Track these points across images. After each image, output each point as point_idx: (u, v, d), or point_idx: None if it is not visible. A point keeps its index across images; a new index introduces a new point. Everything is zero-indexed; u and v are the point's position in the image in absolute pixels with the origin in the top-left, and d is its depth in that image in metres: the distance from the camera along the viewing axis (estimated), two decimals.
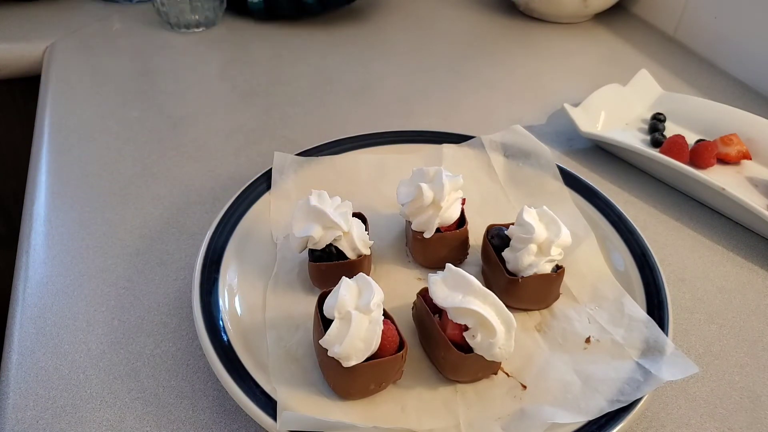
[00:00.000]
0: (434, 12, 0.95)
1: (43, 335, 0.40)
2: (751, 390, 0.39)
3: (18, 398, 0.36)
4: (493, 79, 0.75)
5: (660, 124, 0.63)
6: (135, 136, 0.61)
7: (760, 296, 0.46)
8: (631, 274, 0.43)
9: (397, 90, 0.72)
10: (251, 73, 0.74)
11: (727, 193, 0.50)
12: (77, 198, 0.52)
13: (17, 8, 0.86)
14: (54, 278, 0.44)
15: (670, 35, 0.88)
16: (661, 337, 0.38)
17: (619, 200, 0.49)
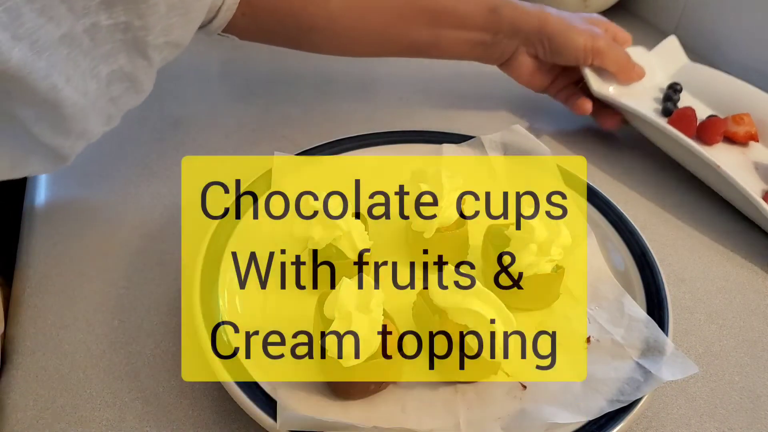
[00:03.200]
0: None
1: (43, 335, 0.40)
2: (751, 390, 0.39)
3: (18, 398, 0.36)
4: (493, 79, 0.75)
5: (675, 94, 0.62)
6: (135, 136, 0.60)
7: (760, 296, 0.46)
8: (631, 274, 0.43)
9: (397, 90, 0.72)
10: (251, 73, 0.74)
11: (721, 171, 0.50)
12: (77, 198, 0.52)
13: None
14: (54, 278, 0.44)
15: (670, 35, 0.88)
16: (661, 337, 0.38)
17: (619, 200, 0.49)
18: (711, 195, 0.55)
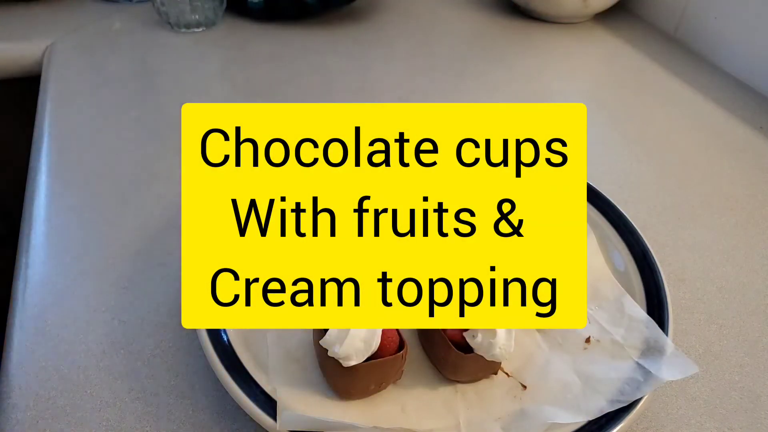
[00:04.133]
0: (434, 12, 0.95)
1: (43, 335, 0.40)
2: (751, 390, 0.39)
3: (18, 398, 0.36)
4: (493, 79, 0.75)
5: None
6: (135, 136, 0.61)
7: (760, 296, 0.46)
8: (631, 274, 0.43)
9: (397, 90, 0.72)
10: (251, 73, 0.74)
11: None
12: (77, 198, 0.52)
13: (17, 8, 0.86)
14: (54, 278, 0.44)
15: (670, 35, 0.88)
16: (661, 337, 0.38)
17: (619, 200, 0.49)
18: (711, 195, 0.55)
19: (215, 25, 0.85)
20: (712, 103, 0.71)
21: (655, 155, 0.62)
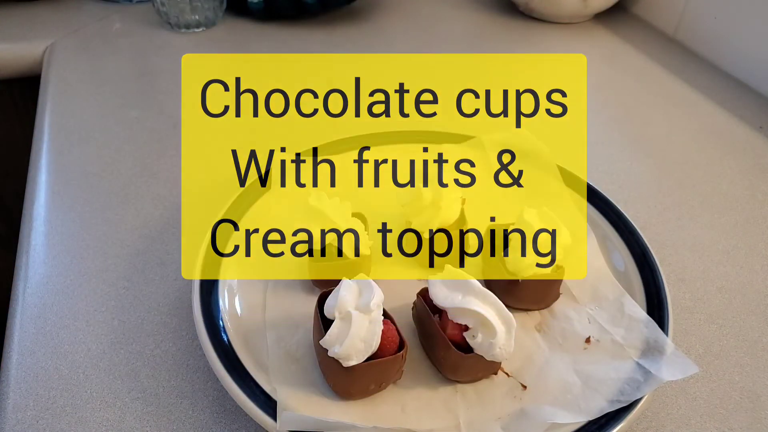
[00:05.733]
0: (434, 12, 0.95)
1: (43, 335, 0.40)
2: (751, 390, 0.39)
3: (18, 398, 0.36)
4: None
5: None
6: (135, 136, 0.61)
7: (760, 296, 0.46)
8: (631, 274, 0.43)
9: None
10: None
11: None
12: (77, 198, 0.52)
13: (17, 8, 0.86)
14: (54, 278, 0.44)
15: (670, 35, 0.88)
16: (661, 337, 0.38)
17: (619, 200, 0.49)
18: (711, 195, 0.55)
19: (215, 25, 0.85)
20: (712, 103, 0.71)
21: (655, 155, 0.62)
